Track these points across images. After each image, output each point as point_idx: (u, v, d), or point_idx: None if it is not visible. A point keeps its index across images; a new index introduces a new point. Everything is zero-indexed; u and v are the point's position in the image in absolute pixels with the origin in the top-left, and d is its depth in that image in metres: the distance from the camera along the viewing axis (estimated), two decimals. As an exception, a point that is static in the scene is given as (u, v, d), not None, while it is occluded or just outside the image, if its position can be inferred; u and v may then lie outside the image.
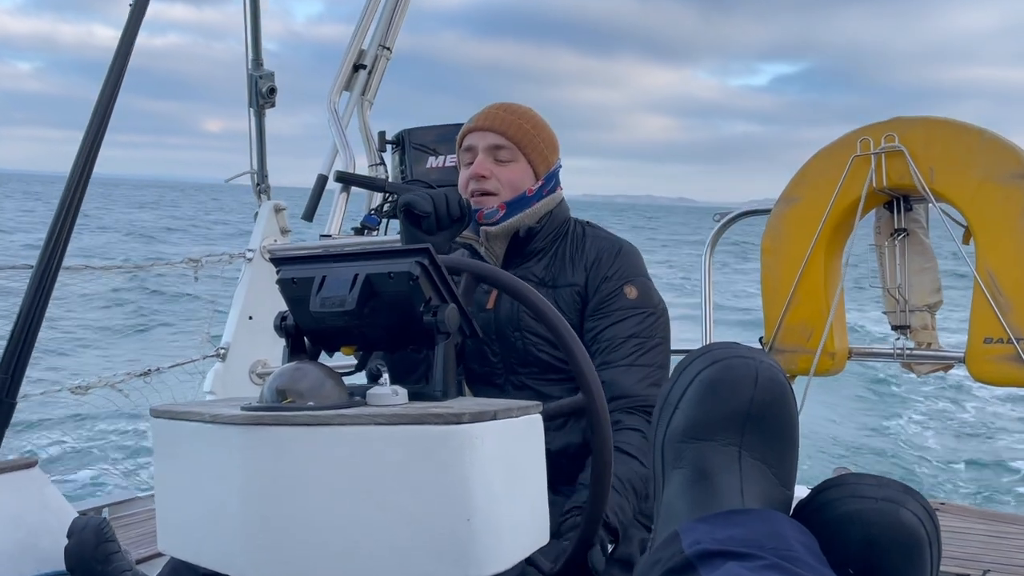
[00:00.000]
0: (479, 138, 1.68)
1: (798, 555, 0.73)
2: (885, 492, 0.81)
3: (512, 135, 1.67)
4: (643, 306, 1.61)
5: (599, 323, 1.59)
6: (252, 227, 3.39)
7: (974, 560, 2.34)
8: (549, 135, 1.73)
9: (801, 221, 2.24)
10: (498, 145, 1.66)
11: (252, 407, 0.97)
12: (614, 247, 1.67)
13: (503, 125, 1.68)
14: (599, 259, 1.65)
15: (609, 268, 1.63)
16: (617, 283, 1.61)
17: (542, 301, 1.20)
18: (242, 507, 0.92)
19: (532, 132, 1.69)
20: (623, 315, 1.58)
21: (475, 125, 1.70)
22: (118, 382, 2.95)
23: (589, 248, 1.67)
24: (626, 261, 1.65)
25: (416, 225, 1.55)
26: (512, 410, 0.98)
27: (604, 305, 1.60)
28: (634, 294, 1.61)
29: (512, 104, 1.74)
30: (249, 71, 3.48)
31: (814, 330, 2.20)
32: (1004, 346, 1.94)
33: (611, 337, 1.56)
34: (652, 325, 1.60)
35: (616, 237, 1.72)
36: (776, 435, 0.83)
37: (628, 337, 1.56)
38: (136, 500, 2.73)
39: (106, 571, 1.61)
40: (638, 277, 1.64)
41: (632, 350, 1.56)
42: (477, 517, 0.89)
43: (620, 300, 1.60)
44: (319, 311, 1.04)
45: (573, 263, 1.66)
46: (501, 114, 1.70)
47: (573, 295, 1.63)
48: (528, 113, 1.72)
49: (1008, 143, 2.01)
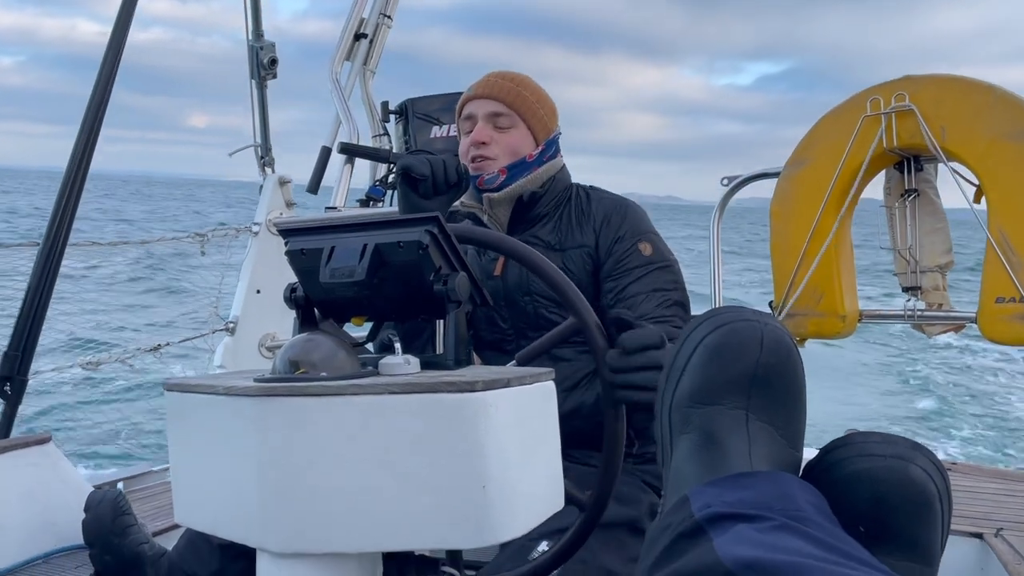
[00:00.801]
0: (478, 106, 1.70)
1: (807, 515, 0.73)
2: (893, 449, 0.81)
3: (511, 102, 1.69)
4: (659, 260, 1.63)
5: (619, 282, 1.61)
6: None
7: (986, 519, 2.35)
8: (548, 102, 1.75)
9: (810, 184, 2.22)
10: (497, 112, 1.69)
11: (265, 379, 0.97)
12: (620, 206, 1.69)
13: (502, 92, 1.70)
14: (608, 219, 1.66)
15: (620, 228, 1.65)
16: (631, 241, 1.63)
17: (522, 246, 1.21)
18: (257, 478, 0.92)
19: (531, 99, 1.71)
20: (643, 272, 1.60)
21: (474, 93, 1.72)
22: (128, 357, 2.96)
23: (595, 209, 1.69)
24: (634, 219, 1.67)
25: (413, 189, 1.56)
26: (525, 377, 0.98)
27: (622, 264, 1.62)
28: (649, 250, 1.63)
29: (510, 72, 1.75)
30: (250, 42, 3.45)
31: (825, 293, 2.19)
32: (1016, 305, 1.93)
33: (635, 293, 1.58)
34: (671, 278, 1.62)
35: (620, 196, 1.73)
36: (783, 397, 0.83)
37: (651, 292, 1.58)
38: (150, 474, 2.76)
39: (123, 544, 1.63)
40: (648, 233, 1.66)
41: (658, 302, 1.58)
42: (492, 484, 0.89)
43: (637, 257, 1.62)
44: (329, 282, 1.03)
45: (580, 225, 1.68)
46: (500, 81, 1.71)
47: (583, 256, 1.65)
48: (526, 80, 1.73)
49: (1020, 99, 1.98)
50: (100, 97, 1.79)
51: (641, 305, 1.56)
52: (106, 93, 1.80)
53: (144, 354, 3.02)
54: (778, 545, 0.68)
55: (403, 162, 1.56)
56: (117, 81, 1.95)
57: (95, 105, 1.79)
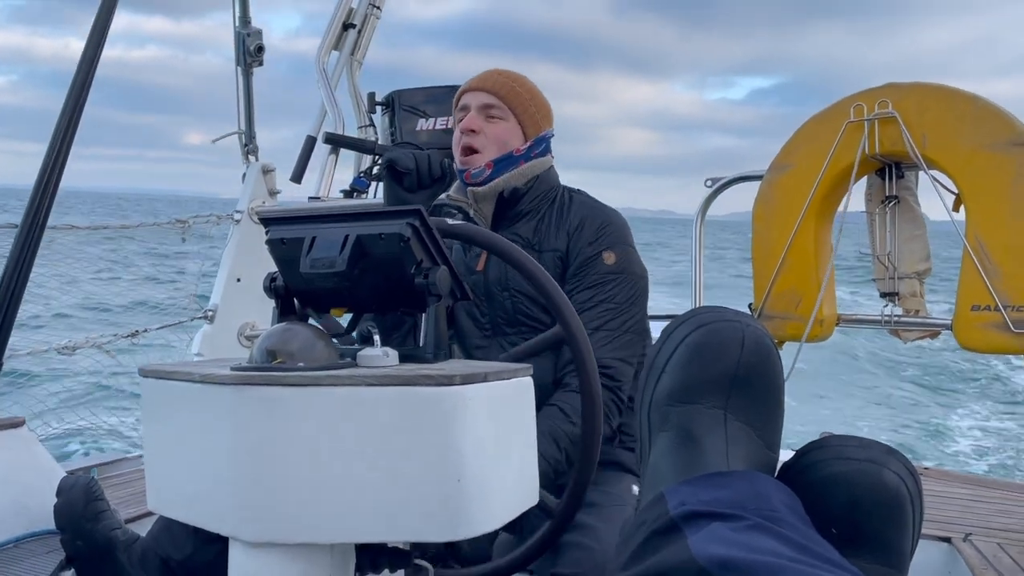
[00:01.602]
0: (473, 97, 1.75)
1: (782, 516, 0.74)
2: (868, 453, 0.82)
3: (503, 95, 1.73)
4: (620, 271, 1.63)
5: (575, 286, 1.63)
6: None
7: (955, 524, 2.38)
8: (542, 102, 1.78)
9: (793, 188, 2.24)
10: (489, 104, 1.73)
11: (242, 367, 0.96)
12: (599, 214, 1.70)
13: (495, 85, 1.74)
14: (582, 225, 1.68)
15: (591, 235, 1.66)
16: (596, 249, 1.64)
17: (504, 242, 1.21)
18: (232, 467, 0.92)
19: (524, 95, 1.75)
20: (598, 279, 1.62)
21: (470, 86, 1.77)
22: (105, 343, 2.94)
23: (573, 214, 1.70)
24: (610, 230, 1.68)
25: (398, 182, 1.61)
26: (503, 372, 0.98)
27: (581, 270, 1.64)
28: (612, 260, 1.64)
29: (508, 70, 1.79)
30: (237, 29, 3.42)
31: (803, 297, 2.21)
32: (991, 313, 1.96)
33: (583, 300, 1.59)
34: (627, 291, 1.62)
35: (604, 206, 1.74)
36: (762, 398, 0.83)
37: (600, 301, 1.60)
38: (125, 460, 2.73)
39: (96, 529, 1.61)
40: (620, 245, 1.66)
41: (601, 314, 1.59)
42: (467, 478, 0.89)
43: (597, 265, 1.63)
44: (309, 272, 1.03)
45: (558, 228, 1.69)
46: (496, 76, 1.76)
47: (555, 260, 1.66)
48: (522, 79, 1.78)
49: (1001, 111, 2.00)
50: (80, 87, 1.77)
51: (585, 312, 1.57)
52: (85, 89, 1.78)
53: (121, 340, 3.00)
54: (752, 545, 0.68)
55: (389, 155, 1.59)
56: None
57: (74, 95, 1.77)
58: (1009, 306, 1.93)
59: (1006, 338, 1.95)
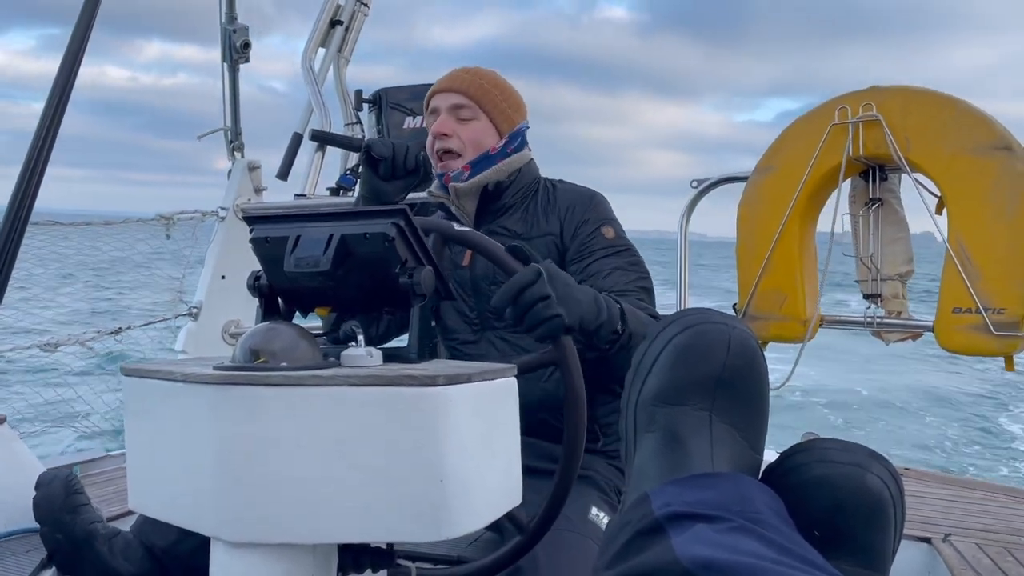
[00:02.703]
0: (442, 99, 1.72)
1: (765, 518, 0.74)
2: (851, 456, 0.83)
3: (472, 94, 1.71)
4: (621, 244, 1.66)
5: (583, 262, 1.64)
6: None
7: (935, 524, 2.40)
8: (512, 95, 1.76)
9: (777, 189, 2.25)
10: (459, 104, 1.70)
11: (225, 367, 0.96)
12: (585, 195, 1.72)
13: (463, 85, 1.71)
14: (572, 206, 1.69)
15: (584, 213, 1.68)
16: (594, 225, 1.66)
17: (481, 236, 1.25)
18: (214, 466, 0.92)
19: (493, 91, 1.73)
20: (605, 252, 1.63)
21: (438, 87, 1.74)
22: (88, 340, 2.92)
23: (561, 199, 1.72)
24: (599, 206, 1.70)
25: (374, 170, 1.60)
26: (487, 372, 0.98)
27: (585, 246, 1.65)
28: (611, 234, 1.66)
29: (476, 67, 1.77)
30: (223, 25, 3.41)
31: (787, 297, 2.22)
32: (972, 315, 1.97)
33: (597, 271, 1.61)
34: (634, 260, 1.65)
35: (585, 187, 1.76)
36: (747, 400, 0.84)
37: (613, 270, 1.61)
38: (106, 458, 2.72)
39: (75, 522, 1.60)
40: (612, 220, 1.70)
41: (620, 278, 1.60)
42: (450, 478, 0.89)
43: (600, 240, 1.65)
44: (293, 271, 1.02)
45: (546, 214, 1.70)
46: (462, 75, 1.74)
47: (550, 244, 1.67)
48: (489, 74, 1.75)
49: (983, 115, 2.02)
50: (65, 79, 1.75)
51: (603, 280, 1.58)
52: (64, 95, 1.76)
53: (104, 337, 2.98)
54: (735, 546, 0.69)
55: (367, 141, 1.60)
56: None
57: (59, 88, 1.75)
58: (990, 308, 1.95)
59: (987, 340, 1.96)
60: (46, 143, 1.74)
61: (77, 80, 1.76)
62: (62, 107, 1.75)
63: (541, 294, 1.21)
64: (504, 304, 1.22)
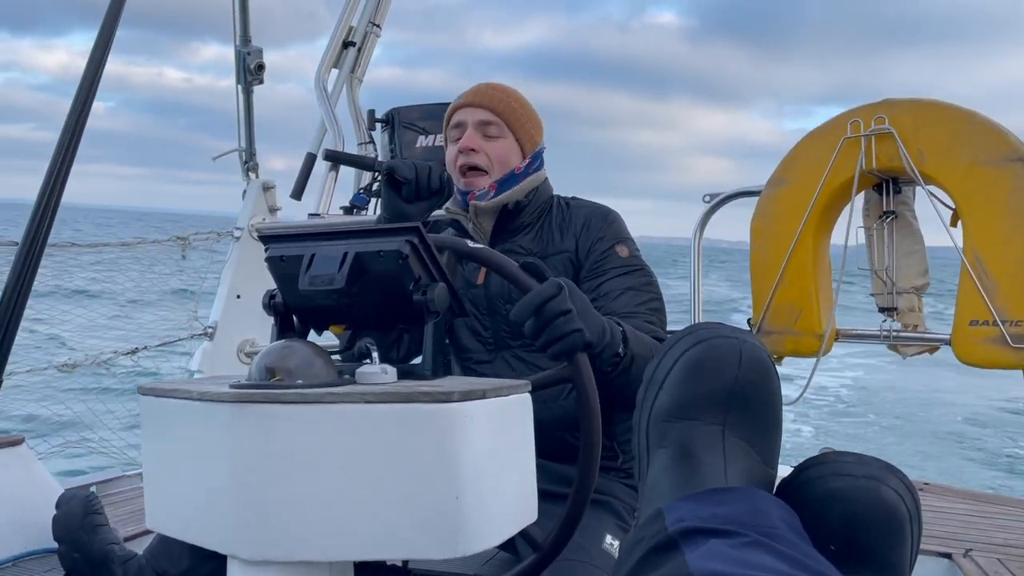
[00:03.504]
0: (468, 114, 1.70)
1: (780, 532, 0.73)
2: (866, 469, 0.82)
3: (501, 111, 1.70)
4: (635, 264, 1.65)
5: (596, 280, 1.63)
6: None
7: (956, 539, 2.37)
8: (534, 115, 1.76)
9: (790, 203, 2.25)
10: (487, 121, 1.69)
11: (241, 385, 0.96)
12: (601, 212, 1.72)
13: (492, 101, 1.70)
14: (588, 223, 1.69)
15: (600, 231, 1.67)
16: (609, 243, 1.66)
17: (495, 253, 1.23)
18: (231, 485, 0.92)
19: (520, 110, 1.72)
20: (619, 271, 1.63)
21: (464, 101, 1.72)
22: (105, 360, 2.94)
23: (576, 216, 1.71)
24: (614, 224, 1.70)
25: (396, 192, 1.57)
26: (501, 389, 0.98)
27: (599, 264, 1.64)
28: (626, 252, 1.65)
29: (501, 84, 1.77)
30: (237, 47, 3.45)
31: (802, 311, 2.21)
32: (990, 328, 1.96)
33: (609, 291, 1.60)
34: (646, 280, 1.64)
35: (601, 204, 1.75)
36: (759, 414, 0.84)
37: (626, 289, 1.60)
38: (123, 478, 2.73)
39: (93, 541, 1.61)
40: (627, 240, 1.69)
41: (631, 299, 1.59)
42: (466, 495, 0.89)
43: (614, 259, 1.64)
44: (308, 289, 1.03)
45: (562, 232, 1.70)
46: (490, 91, 1.72)
47: (565, 262, 1.66)
48: (515, 93, 1.75)
49: (997, 126, 2.01)
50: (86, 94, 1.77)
51: (614, 301, 1.58)
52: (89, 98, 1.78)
53: (121, 357, 3.00)
54: (750, 561, 0.68)
55: (388, 164, 1.57)
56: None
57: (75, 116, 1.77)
58: (1007, 321, 1.93)
59: (1005, 353, 1.95)
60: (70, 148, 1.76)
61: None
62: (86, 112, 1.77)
63: (562, 308, 1.20)
64: (525, 316, 1.20)
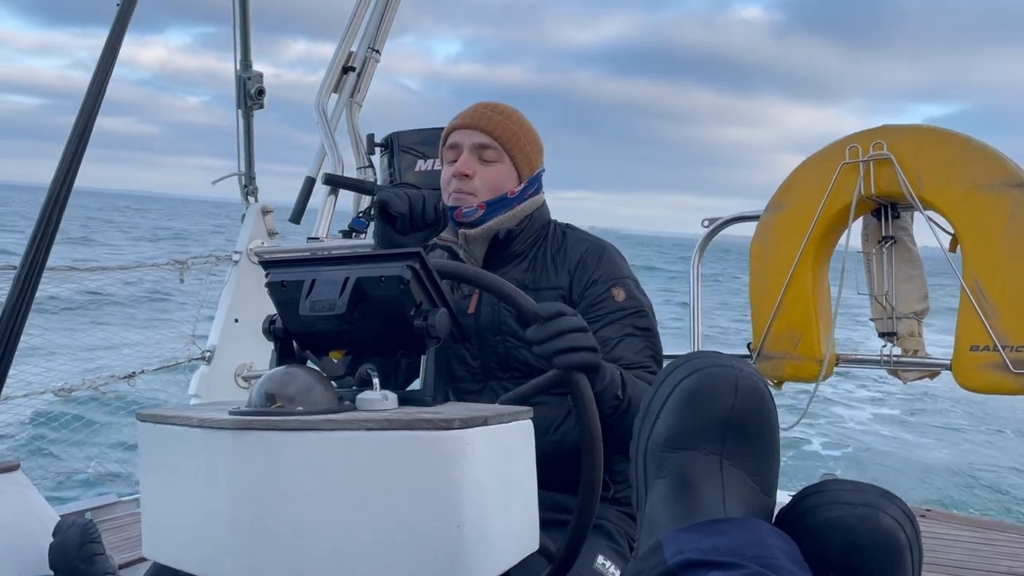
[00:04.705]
0: (465, 136, 1.67)
1: (780, 563, 0.73)
2: (864, 497, 0.82)
3: (499, 135, 1.66)
4: (632, 306, 1.61)
5: (592, 326, 1.52)
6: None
7: (960, 567, 2.35)
8: (535, 138, 1.72)
9: (789, 228, 2.25)
10: (484, 144, 1.65)
11: (241, 411, 0.96)
12: (596, 249, 1.67)
13: (490, 124, 1.66)
14: (583, 261, 1.64)
15: (595, 271, 1.63)
16: (604, 286, 1.61)
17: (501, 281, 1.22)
18: (230, 513, 0.91)
19: (519, 133, 1.68)
20: (615, 317, 1.59)
21: (461, 123, 1.68)
22: (102, 384, 2.92)
23: (571, 250, 1.67)
24: (609, 263, 1.65)
25: (390, 224, 1.53)
26: (503, 415, 0.98)
27: (594, 308, 1.60)
28: (622, 296, 1.61)
29: (500, 104, 1.72)
30: (238, 72, 3.47)
31: (802, 336, 2.21)
32: (990, 354, 1.95)
33: (607, 338, 1.56)
34: (644, 324, 1.61)
35: (598, 239, 1.71)
36: (757, 443, 0.83)
37: (624, 336, 1.57)
38: (119, 504, 2.71)
39: (89, 571, 1.60)
40: (623, 278, 1.64)
41: (630, 346, 1.56)
42: (467, 523, 0.88)
43: (609, 303, 1.60)
44: (309, 315, 1.03)
45: (555, 265, 1.66)
46: (488, 113, 1.68)
47: (556, 297, 1.62)
48: (515, 114, 1.70)
49: (995, 152, 2.02)
50: (83, 127, 1.78)
51: (613, 350, 1.54)
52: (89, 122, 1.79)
53: (118, 381, 2.98)
54: None
55: (381, 196, 1.52)
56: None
57: (78, 135, 1.77)
58: (1008, 346, 1.93)
59: (1006, 378, 1.94)
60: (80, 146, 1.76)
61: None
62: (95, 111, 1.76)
63: (581, 325, 1.21)
64: (551, 314, 1.20)
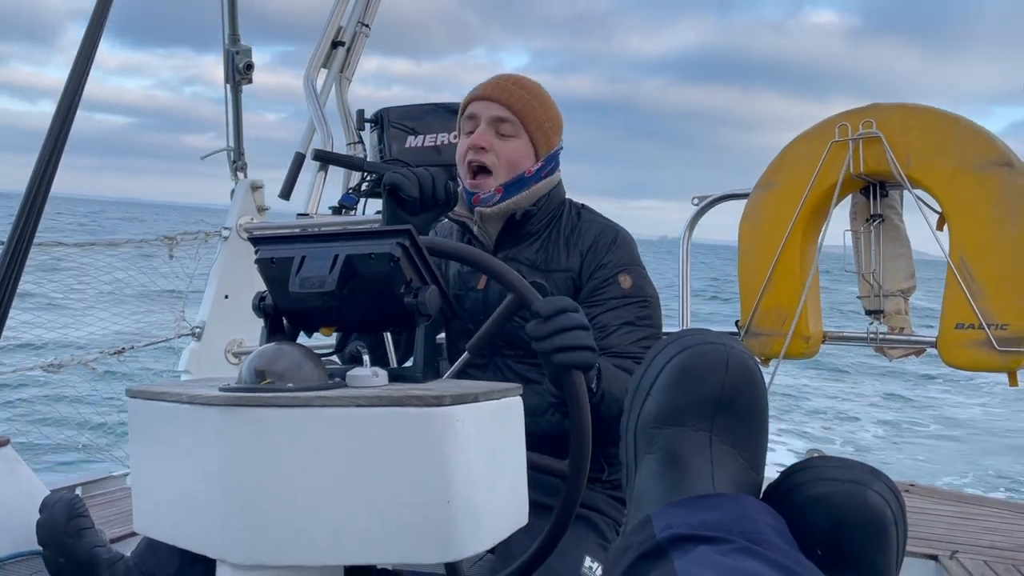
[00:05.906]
0: (484, 107, 1.63)
1: (768, 538, 0.74)
2: (851, 474, 0.83)
3: (518, 109, 1.61)
4: (636, 295, 1.59)
5: (592, 310, 1.56)
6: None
7: (942, 541, 2.39)
8: (555, 115, 1.67)
9: (778, 206, 2.26)
10: (502, 118, 1.61)
11: (231, 388, 0.96)
12: (610, 234, 1.64)
13: (510, 98, 1.62)
14: (595, 245, 1.62)
15: (605, 255, 1.60)
16: (612, 271, 1.59)
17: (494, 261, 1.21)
18: (220, 488, 0.92)
19: (539, 109, 1.64)
20: (617, 303, 1.57)
21: (481, 94, 1.64)
22: (91, 360, 2.92)
23: (585, 232, 1.64)
24: (622, 249, 1.62)
25: (400, 205, 1.50)
26: (493, 392, 0.98)
27: (598, 292, 1.58)
28: (628, 283, 1.59)
29: (522, 77, 1.67)
30: (226, 46, 3.43)
31: (789, 314, 2.22)
32: (975, 331, 1.98)
33: (604, 324, 1.54)
34: (645, 314, 1.58)
35: (612, 223, 1.68)
36: (746, 420, 0.84)
37: (622, 324, 1.55)
38: (109, 479, 2.72)
39: (78, 545, 1.60)
40: (633, 266, 1.62)
41: (627, 335, 1.54)
42: (457, 499, 0.89)
43: (615, 289, 1.58)
44: (298, 291, 1.03)
45: (568, 247, 1.63)
46: (509, 86, 1.64)
47: (567, 280, 1.61)
48: (536, 89, 1.66)
49: (984, 131, 2.03)
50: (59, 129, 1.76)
51: (609, 336, 1.53)
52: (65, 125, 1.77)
53: (108, 357, 2.98)
54: (739, 568, 0.69)
55: (391, 179, 1.48)
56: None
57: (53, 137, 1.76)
58: (993, 324, 1.95)
59: (990, 356, 1.97)
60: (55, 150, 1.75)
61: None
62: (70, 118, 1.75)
63: (582, 323, 1.20)
64: (551, 311, 1.18)
